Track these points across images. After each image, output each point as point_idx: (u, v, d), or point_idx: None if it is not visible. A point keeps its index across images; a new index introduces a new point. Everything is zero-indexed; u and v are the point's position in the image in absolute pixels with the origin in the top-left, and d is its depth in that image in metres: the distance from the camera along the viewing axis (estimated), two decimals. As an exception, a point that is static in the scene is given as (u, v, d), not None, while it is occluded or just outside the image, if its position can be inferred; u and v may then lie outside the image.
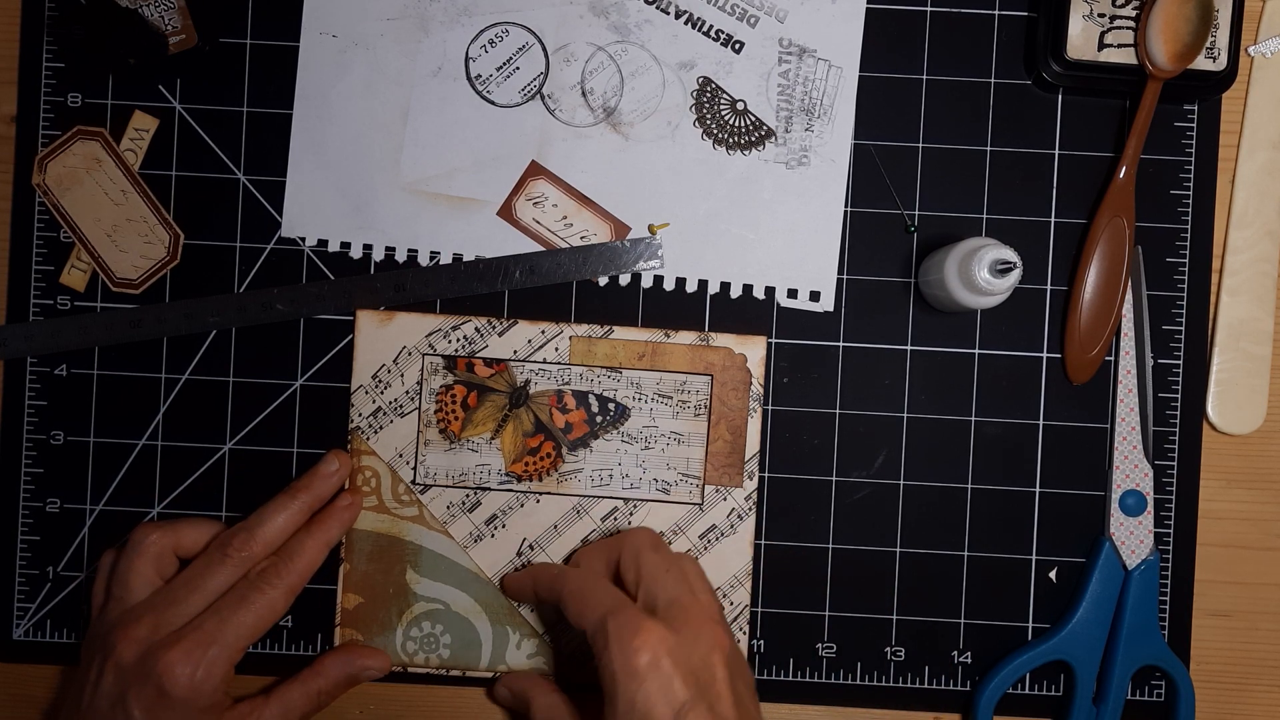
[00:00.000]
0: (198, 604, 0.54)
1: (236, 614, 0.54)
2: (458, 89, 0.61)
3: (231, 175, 0.61)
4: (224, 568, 0.55)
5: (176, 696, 0.52)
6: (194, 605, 0.54)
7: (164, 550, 0.56)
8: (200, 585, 0.54)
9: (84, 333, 0.60)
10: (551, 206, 0.61)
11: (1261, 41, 0.61)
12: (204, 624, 0.53)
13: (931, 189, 0.61)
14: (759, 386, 0.60)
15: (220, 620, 0.53)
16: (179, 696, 0.52)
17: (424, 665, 0.60)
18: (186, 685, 0.52)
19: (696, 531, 0.60)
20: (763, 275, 0.61)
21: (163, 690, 0.52)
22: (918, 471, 0.61)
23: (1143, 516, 0.60)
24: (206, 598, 0.54)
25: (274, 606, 0.54)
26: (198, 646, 0.52)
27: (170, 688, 0.52)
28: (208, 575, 0.55)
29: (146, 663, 0.52)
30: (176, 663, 0.52)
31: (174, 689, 0.52)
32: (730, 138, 0.61)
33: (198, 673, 0.52)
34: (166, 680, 0.52)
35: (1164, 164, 0.61)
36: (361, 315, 0.60)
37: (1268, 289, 0.61)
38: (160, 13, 0.60)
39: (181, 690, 0.52)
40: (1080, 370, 0.60)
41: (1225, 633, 0.61)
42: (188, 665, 0.52)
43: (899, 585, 0.61)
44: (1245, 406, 0.61)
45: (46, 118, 0.61)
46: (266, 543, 0.56)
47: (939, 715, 0.61)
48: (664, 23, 0.61)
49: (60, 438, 0.61)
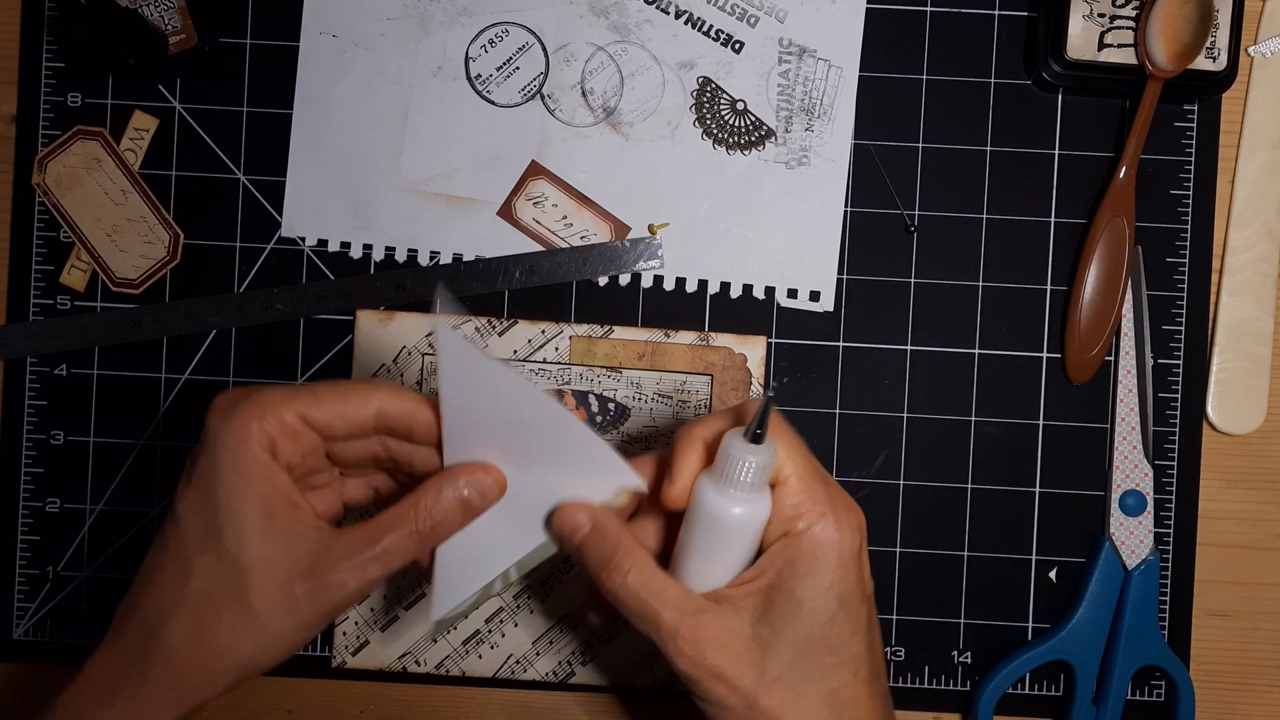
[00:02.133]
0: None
1: (320, 385, 0.45)
2: (458, 89, 0.61)
3: (231, 175, 0.61)
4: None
5: (208, 428, 0.44)
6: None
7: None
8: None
9: (84, 333, 0.60)
10: (551, 206, 0.61)
11: (1261, 41, 0.61)
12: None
13: (931, 189, 0.61)
14: (759, 386, 0.60)
15: (300, 385, 0.45)
16: (209, 428, 0.44)
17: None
18: (218, 415, 0.44)
19: (696, 531, 0.60)
20: (763, 275, 0.61)
21: (204, 425, 0.44)
22: (918, 471, 0.61)
23: (1143, 516, 0.60)
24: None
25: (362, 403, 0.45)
26: (254, 388, 0.45)
27: (207, 417, 0.44)
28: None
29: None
30: (222, 392, 0.45)
31: (208, 418, 0.44)
32: (730, 138, 0.61)
33: (235, 411, 0.44)
34: (209, 411, 0.44)
35: (1164, 164, 0.61)
36: (361, 315, 0.60)
37: (1268, 289, 0.61)
38: (160, 13, 0.60)
39: (213, 419, 0.44)
40: (1080, 370, 0.60)
41: (1225, 633, 0.61)
42: (228, 396, 0.44)
43: (899, 585, 0.61)
44: (1245, 406, 0.61)
45: (46, 118, 0.61)
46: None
47: (939, 715, 0.61)
48: (664, 23, 0.61)
49: (60, 438, 0.61)
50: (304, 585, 0.43)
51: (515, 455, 0.46)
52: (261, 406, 0.44)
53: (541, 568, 0.52)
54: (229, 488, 0.43)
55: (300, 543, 0.44)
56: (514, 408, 0.45)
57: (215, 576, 0.43)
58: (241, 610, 0.43)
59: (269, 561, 0.43)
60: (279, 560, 0.43)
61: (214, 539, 0.43)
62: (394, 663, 0.60)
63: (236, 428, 0.43)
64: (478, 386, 0.45)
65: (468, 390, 0.45)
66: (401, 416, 0.45)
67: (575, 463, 0.46)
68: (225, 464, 0.43)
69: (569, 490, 0.46)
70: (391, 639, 0.60)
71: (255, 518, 0.43)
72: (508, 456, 0.46)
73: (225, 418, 0.44)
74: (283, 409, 0.44)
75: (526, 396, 0.45)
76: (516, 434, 0.45)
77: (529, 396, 0.45)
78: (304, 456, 0.45)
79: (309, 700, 0.61)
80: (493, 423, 0.45)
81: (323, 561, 0.43)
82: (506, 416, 0.45)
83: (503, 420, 0.45)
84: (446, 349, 0.44)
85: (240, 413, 0.44)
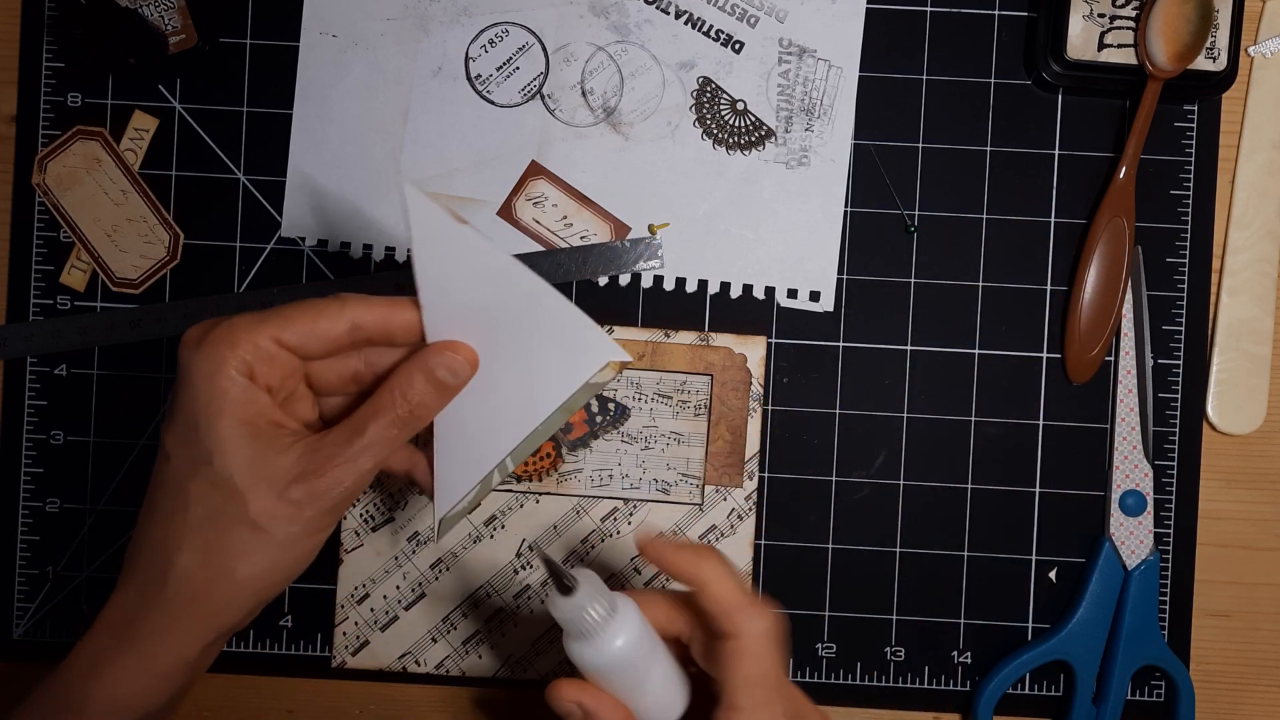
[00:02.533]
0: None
1: (290, 306, 0.45)
2: (458, 89, 0.61)
3: (231, 175, 0.61)
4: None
5: (182, 362, 0.44)
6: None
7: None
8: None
9: (84, 333, 0.60)
10: (551, 206, 0.61)
11: (1261, 41, 0.61)
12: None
13: (931, 189, 0.61)
14: (759, 386, 0.60)
15: (269, 310, 0.45)
16: (183, 362, 0.44)
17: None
18: (190, 347, 0.44)
19: (696, 532, 0.60)
20: (763, 275, 0.61)
21: (178, 361, 0.44)
22: (918, 471, 0.61)
23: (1143, 516, 0.60)
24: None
25: (335, 318, 0.45)
26: (223, 318, 0.44)
27: (180, 352, 0.44)
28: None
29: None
30: (193, 327, 0.45)
31: (181, 352, 0.44)
32: (730, 138, 0.61)
33: (206, 339, 0.44)
34: (181, 346, 0.44)
35: (1164, 164, 0.61)
36: (361, 315, 0.60)
37: (1268, 289, 0.61)
38: (160, 13, 0.60)
39: (185, 352, 0.44)
40: (1080, 370, 0.60)
41: (1225, 633, 0.61)
42: (198, 329, 0.44)
43: (899, 585, 0.61)
44: (1245, 406, 0.61)
45: (46, 118, 0.61)
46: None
47: (939, 715, 0.61)
48: (664, 23, 0.61)
49: (60, 438, 0.61)
50: (300, 489, 0.44)
51: (497, 331, 0.45)
52: (233, 333, 0.44)
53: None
54: (211, 415, 0.43)
55: (288, 453, 0.44)
56: (491, 280, 0.44)
57: (213, 501, 0.43)
58: (247, 526, 0.43)
59: (262, 475, 0.44)
60: (271, 472, 0.44)
61: (204, 464, 0.43)
62: (394, 663, 0.60)
63: (210, 356, 0.43)
64: (454, 259, 0.44)
65: (443, 264, 0.44)
66: (377, 323, 0.45)
67: (558, 339, 0.45)
68: (203, 392, 0.43)
69: (554, 371, 0.45)
70: (391, 639, 0.60)
71: (240, 439, 0.43)
72: (489, 333, 0.45)
73: (198, 348, 0.44)
74: (255, 333, 0.44)
75: (501, 267, 0.44)
76: (496, 308, 0.45)
77: (504, 267, 0.44)
78: (283, 380, 0.45)
79: (309, 700, 0.61)
80: (471, 297, 0.44)
81: (313, 463, 0.44)
82: (484, 290, 0.44)
83: (481, 294, 0.44)
84: (418, 219, 0.43)
85: (212, 341, 0.44)
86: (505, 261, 0.44)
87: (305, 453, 0.44)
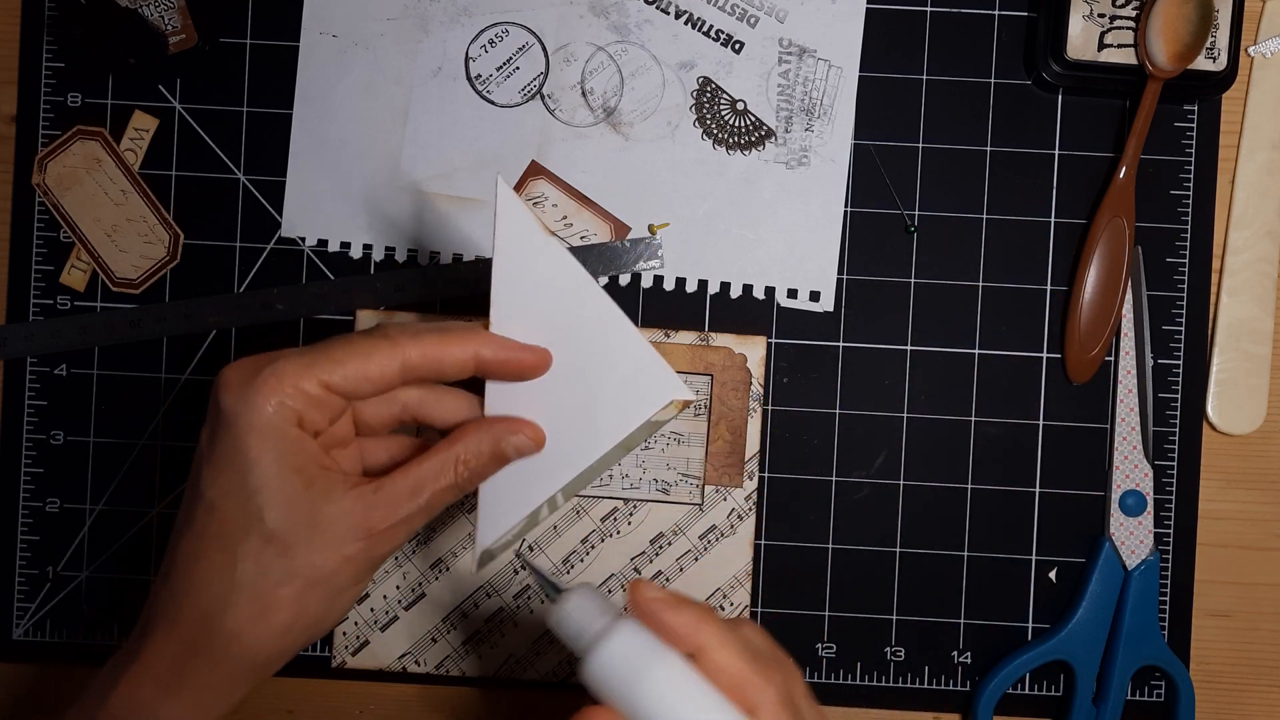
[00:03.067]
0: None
1: (338, 347, 0.44)
2: (458, 89, 0.61)
3: (231, 175, 0.61)
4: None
5: (224, 408, 0.43)
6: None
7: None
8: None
9: (84, 333, 0.60)
10: (551, 206, 0.61)
11: (1261, 41, 0.61)
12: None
13: (931, 189, 0.61)
14: (759, 386, 0.60)
15: (313, 349, 0.44)
16: (226, 408, 0.43)
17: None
18: (234, 393, 0.43)
19: (696, 532, 0.60)
20: (763, 275, 0.61)
21: (216, 403, 0.43)
22: (918, 471, 0.61)
23: (1143, 516, 0.60)
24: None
25: (387, 360, 0.44)
26: (264, 358, 0.43)
27: (219, 395, 0.43)
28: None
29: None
30: (230, 367, 0.44)
31: (221, 396, 0.43)
32: (730, 138, 0.61)
33: (251, 385, 0.42)
34: (219, 388, 0.43)
35: (1164, 164, 0.61)
36: (361, 315, 0.60)
37: (1268, 289, 0.61)
38: (160, 12, 0.60)
39: (228, 398, 0.43)
40: (1080, 370, 0.60)
41: (1225, 633, 0.61)
42: (239, 370, 0.43)
43: (899, 585, 0.61)
44: (1245, 406, 0.61)
45: (46, 118, 0.61)
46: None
47: (939, 715, 0.61)
48: (664, 23, 0.61)
49: (60, 438, 0.61)
50: (355, 545, 0.43)
51: (564, 352, 0.44)
52: (280, 378, 0.43)
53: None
54: (263, 469, 0.42)
55: (340, 500, 0.43)
56: (568, 297, 0.43)
57: (266, 557, 0.43)
58: (301, 582, 0.43)
59: (316, 529, 0.43)
60: (325, 524, 0.43)
61: (256, 521, 0.43)
62: (394, 663, 0.60)
63: (258, 406, 0.42)
64: (534, 269, 0.42)
65: (523, 271, 0.42)
66: (429, 360, 0.44)
67: (625, 371, 0.44)
68: (252, 444, 0.42)
69: (618, 404, 0.44)
70: (391, 639, 0.60)
71: (294, 492, 0.43)
72: (556, 352, 0.44)
73: (242, 395, 0.43)
74: (303, 378, 0.43)
75: (581, 286, 0.43)
76: (567, 327, 0.43)
77: (583, 287, 0.43)
78: (330, 422, 0.44)
79: (309, 700, 0.61)
80: (544, 311, 0.43)
81: (370, 519, 0.43)
82: (558, 306, 0.43)
83: (554, 310, 0.43)
84: (506, 220, 0.42)
85: (258, 387, 0.43)
86: (585, 281, 0.43)
87: (359, 504, 0.43)
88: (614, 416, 0.45)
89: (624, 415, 0.45)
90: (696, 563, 0.60)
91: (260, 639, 0.43)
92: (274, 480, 0.43)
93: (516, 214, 0.43)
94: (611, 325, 0.44)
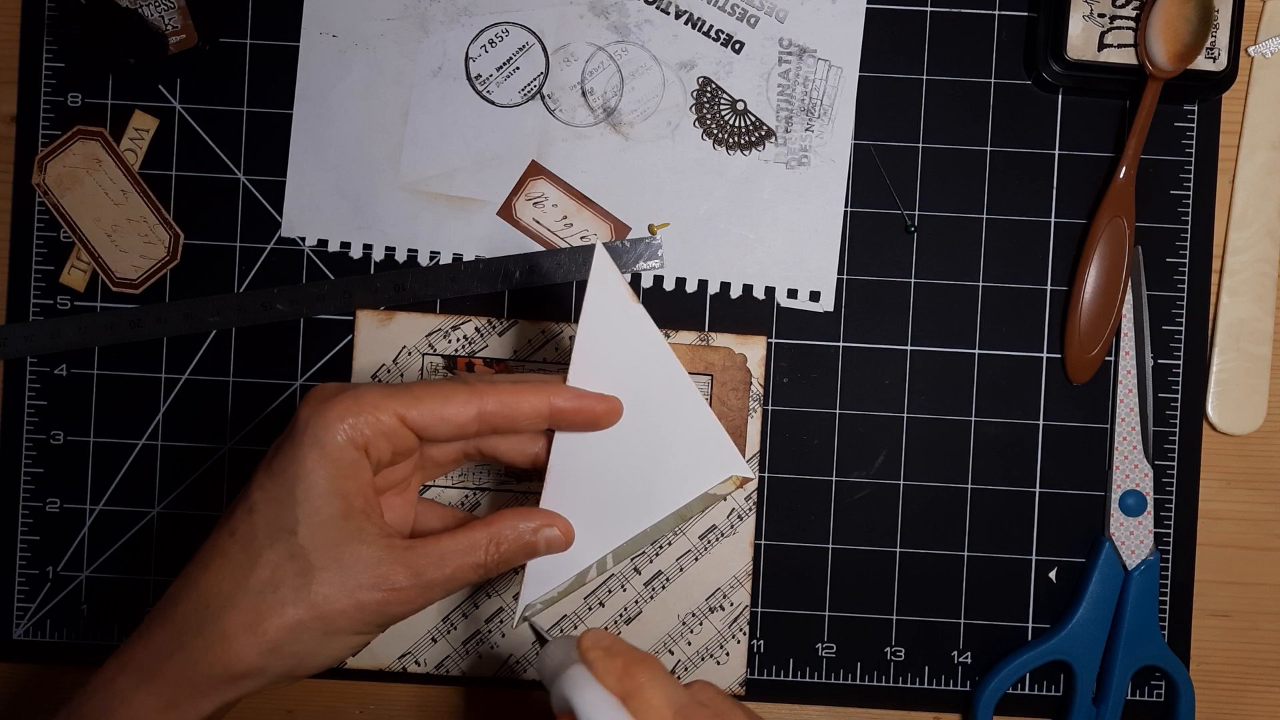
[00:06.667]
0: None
1: (419, 385, 0.45)
2: (458, 89, 0.61)
3: (231, 175, 0.61)
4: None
5: (299, 418, 0.44)
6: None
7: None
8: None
9: (84, 333, 0.60)
10: (551, 206, 0.61)
11: (1261, 41, 0.61)
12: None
13: (931, 189, 0.61)
14: (759, 386, 0.60)
15: (397, 385, 0.45)
16: (300, 419, 0.44)
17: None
18: (311, 406, 0.43)
19: (697, 532, 0.60)
20: (763, 275, 0.61)
21: (295, 414, 0.44)
22: (918, 471, 0.61)
23: (1143, 516, 0.60)
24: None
25: (464, 405, 0.45)
26: (351, 384, 0.45)
27: (300, 407, 0.44)
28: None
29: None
30: (319, 385, 0.45)
31: (301, 408, 0.44)
32: (730, 138, 0.61)
33: (329, 402, 0.43)
34: (302, 401, 0.44)
35: (1164, 164, 0.61)
36: (361, 315, 0.60)
37: (1268, 289, 0.61)
38: (160, 12, 0.60)
39: (305, 410, 0.44)
40: (1080, 370, 0.60)
41: (1225, 633, 0.61)
42: (324, 389, 0.44)
43: (899, 585, 0.61)
44: (1245, 406, 0.61)
45: (46, 118, 0.61)
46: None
47: (939, 715, 0.61)
48: (664, 23, 0.61)
49: (60, 438, 0.61)
50: (370, 595, 0.43)
51: (633, 417, 0.45)
52: (358, 403, 0.43)
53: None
54: (311, 482, 0.43)
55: (372, 550, 0.43)
56: (644, 364, 0.45)
57: (284, 571, 0.43)
58: (306, 608, 0.43)
59: (341, 562, 0.43)
60: (349, 562, 0.43)
61: (287, 532, 0.43)
62: (394, 663, 0.60)
63: (329, 421, 0.43)
64: (617, 333, 0.44)
65: (605, 334, 0.44)
66: (504, 412, 0.45)
67: (690, 443, 0.45)
68: (310, 456, 0.43)
69: (678, 474, 0.45)
70: (391, 639, 0.60)
71: (332, 514, 0.43)
72: (625, 416, 0.46)
73: (318, 409, 0.43)
74: (380, 406, 0.44)
75: (658, 356, 0.45)
76: (640, 393, 0.45)
77: (660, 357, 0.45)
78: (396, 455, 0.45)
79: (308, 700, 0.61)
80: (620, 374, 0.45)
81: (391, 576, 0.43)
82: (635, 372, 0.45)
83: (630, 375, 0.45)
84: (598, 283, 0.44)
85: (334, 406, 0.43)
86: (663, 352, 0.45)
87: (386, 554, 0.44)
88: (673, 485, 0.46)
89: (683, 485, 0.46)
90: (696, 563, 0.60)
91: (244, 649, 0.43)
92: (318, 497, 0.43)
93: (609, 279, 0.45)
94: (683, 396, 0.45)
